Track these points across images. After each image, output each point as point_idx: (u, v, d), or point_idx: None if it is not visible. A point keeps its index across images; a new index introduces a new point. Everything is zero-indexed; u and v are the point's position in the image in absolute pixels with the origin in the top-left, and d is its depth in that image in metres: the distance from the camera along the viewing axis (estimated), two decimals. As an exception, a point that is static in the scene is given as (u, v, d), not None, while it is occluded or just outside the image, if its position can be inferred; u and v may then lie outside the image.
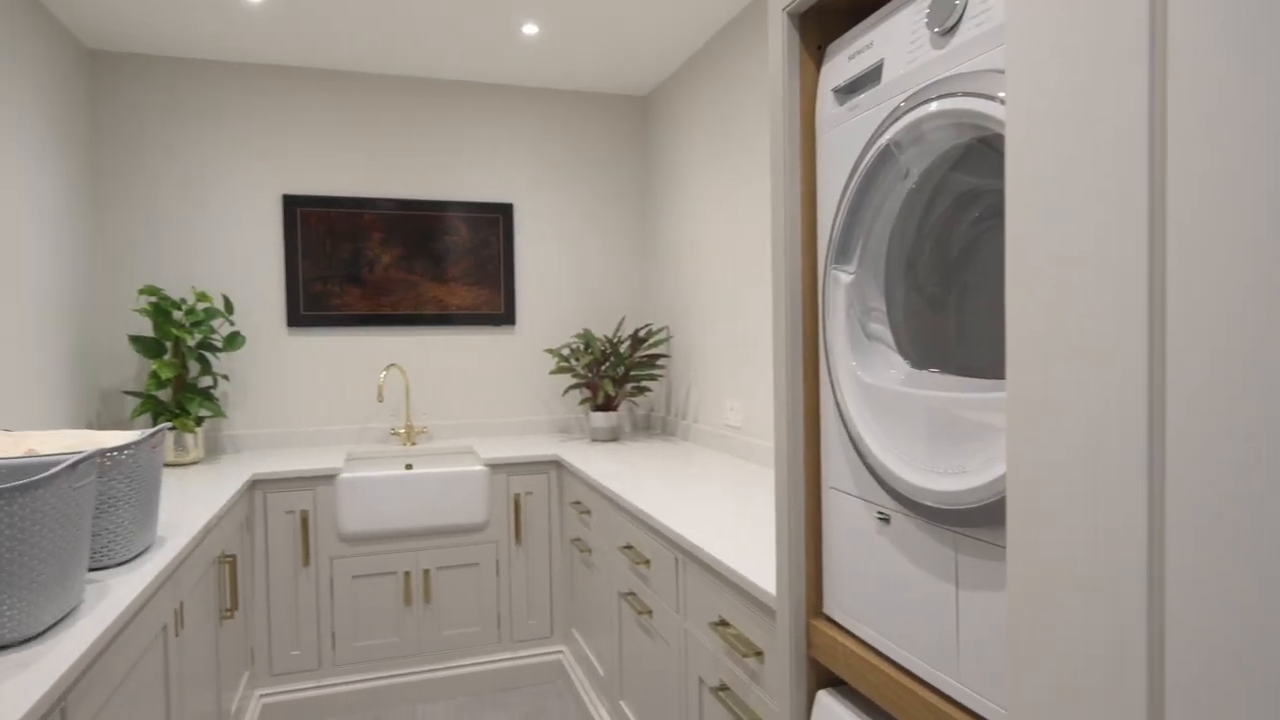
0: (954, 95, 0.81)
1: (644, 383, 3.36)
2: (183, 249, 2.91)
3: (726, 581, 1.50)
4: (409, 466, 2.99)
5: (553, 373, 3.10)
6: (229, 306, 2.81)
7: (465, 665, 2.71)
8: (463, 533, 2.71)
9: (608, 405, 3.13)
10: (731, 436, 2.71)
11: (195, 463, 2.70)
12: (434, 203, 3.18)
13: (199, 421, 2.71)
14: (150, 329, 2.86)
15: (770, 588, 1.31)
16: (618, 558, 2.16)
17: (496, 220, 3.27)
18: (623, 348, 3.30)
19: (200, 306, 2.82)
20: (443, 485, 2.66)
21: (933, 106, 0.84)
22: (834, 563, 1.09)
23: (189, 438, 2.68)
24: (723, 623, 1.52)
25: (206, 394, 2.73)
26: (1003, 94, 0.75)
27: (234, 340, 2.81)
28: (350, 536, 2.58)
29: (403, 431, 3.12)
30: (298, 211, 3.02)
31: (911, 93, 0.89)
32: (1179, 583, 0.48)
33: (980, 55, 0.79)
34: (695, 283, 3.01)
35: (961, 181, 0.96)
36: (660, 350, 3.37)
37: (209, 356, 2.87)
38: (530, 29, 2.69)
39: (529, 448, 2.92)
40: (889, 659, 0.98)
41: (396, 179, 3.15)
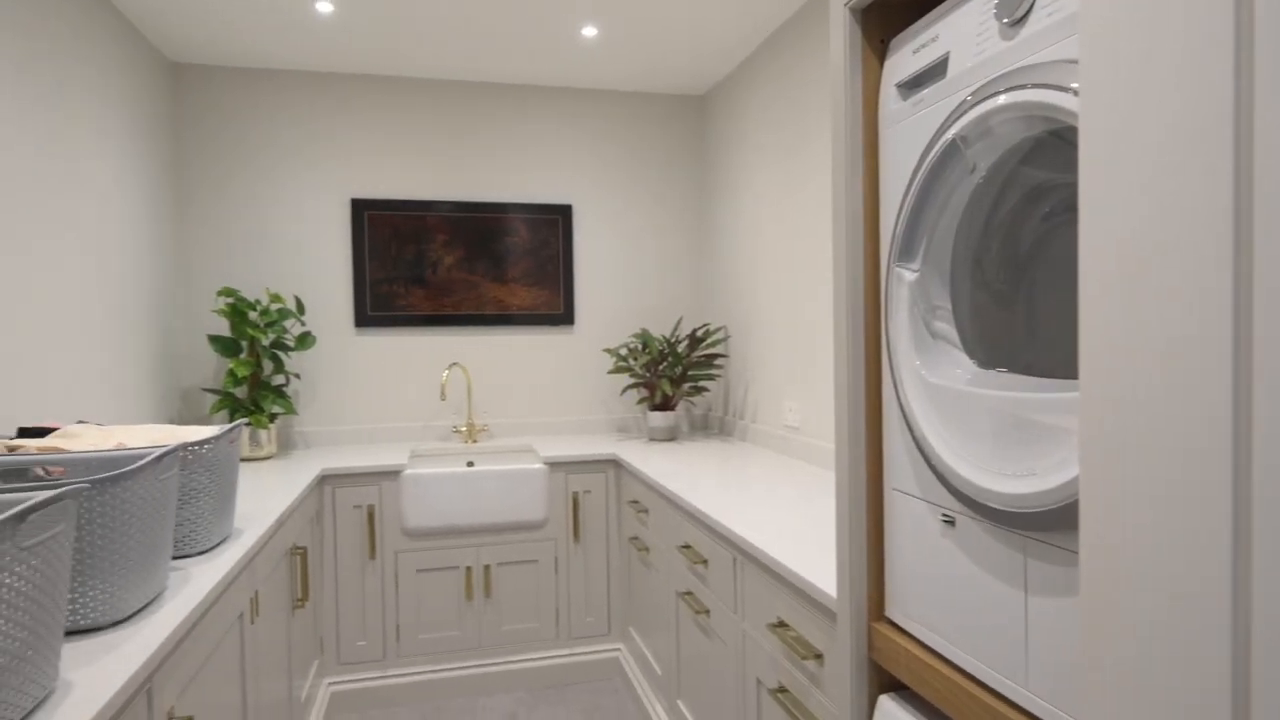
0: (1024, 87, 0.79)
1: (701, 382, 3.36)
2: (257, 252, 3.04)
3: (785, 583, 1.49)
4: (470, 464, 3.05)
5: (610, 372, 3.12)
6: (300, 307, 2.92)
7: (524, 660, 2.75)
8: (522, 530, 2.75)
9: (665, 405, 3.13)
10: (790, 437, 2.68)
11: (268, 457, 2.81)
12: (495, 204, 3.24)
13: (272, 418, 2.82)
14: (227, 329, 2.99)
15: (830, 590, 1.30)
16: (675, 557, 2.17)
17: (556, 221, 3.31)
18: (680, 347, 3.31)
19: (274, 307, 2.93)
20: (503, 483, 2.71)
21: (1000, 99, 0.82)
22: (896, 565, 1.07)
23: (263, 433, 2.79)
24: (781, 624, 1.50)
25: (279, 391, 2.84)
26: (1075, 85, 0.73)
27: (305, 340, 2.91)
28: (414, 531, 2.64)
29: (464, 429, 3.18)
30: (365, 214, 3.11)
31: (978, 86, 0.87)
32: (1266, 587, 0.46)
33: (1052, 46, 0.77)
34: (753, 282, 2.99)
35: (1031, 176, 0.93)
36: (718, 350, 3.36)
37: (282, 355, 2.98)
38: (590, 31, 2.72)
39: (587, 446, 2.95)
40: (953, 664, 0.96)
41: (459, 181, 3.22)
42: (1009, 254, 0.98)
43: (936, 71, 0.96)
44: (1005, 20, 0.83)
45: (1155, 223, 0.52)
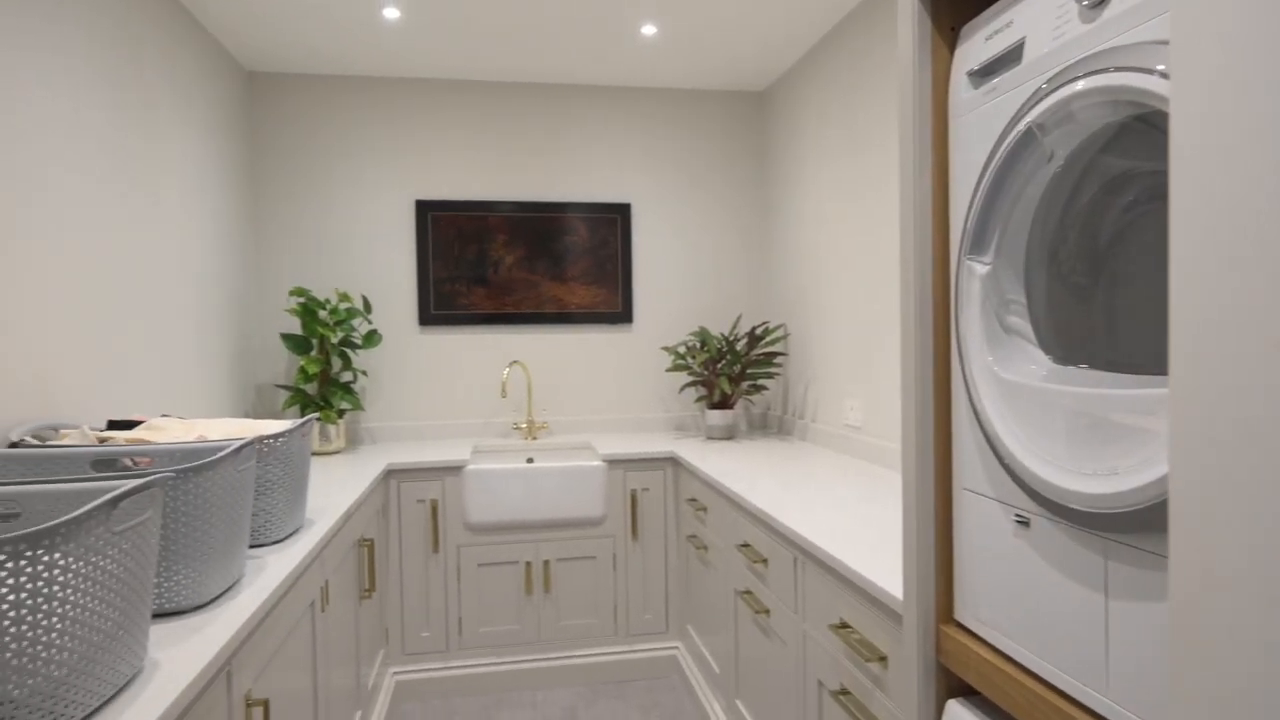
0: (1105, 71, 0.76)
1: (760, 381, 3.33)
2: (326, 252, 3.13)
3: (848, 583, 1.47)
4: (530, 460, 3.09)
5: (669, 370, 3.12)
6: (367, 306, 3.00)
7: (582, 655, 2.78)
8: (581, 526, 2.77)
9: (724, 403, 3.12)
10: (851, 436, 2.64)
11: (337, 452, 2.90)
12: (555, 204, 3.27)
13: (341, 413, 2.91)
14: (299, 327, 3.09)
15: (895, 591, 1.27)
16: (734, 556, 2.15)
17: (614, 220, 3.32)
18: (739, 345, 3.28)
19: (342, 306, 3.02)
20: (562, 479, 2.73)
21: (1079, 85, 0.79)
22: (966, 567, 1.04)
23: (332, 429, 2.88)
24: (844, 625, 1.48)
25: (347, 388, 2.92)
26: (1163, 66, 0.70)
27: (371, 338, 2.99)
28: (476, 526, 2.69)
29: (524, 426, 3.22)
30: (429, 215, 3.18)
31: (1056, 71, 0.84)
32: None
33: (1137, 27, 0.74)
34: (815, 278, 2.95)
35: (1112, 164, 0.89)
36: (777, 348, 3.32)
37: (349, 353, 3.07)
38: (649, 29, 2.72)
39: (645, 444, 2.95)
40: (1027, 670, 0.93)
41: (520, 182, 3.27)
42: (1088, 245, 0.95)
43: (1011, 58, 0.93)
44: (1085, 3, 0.80)
45: (1252, 209, 0.50)
